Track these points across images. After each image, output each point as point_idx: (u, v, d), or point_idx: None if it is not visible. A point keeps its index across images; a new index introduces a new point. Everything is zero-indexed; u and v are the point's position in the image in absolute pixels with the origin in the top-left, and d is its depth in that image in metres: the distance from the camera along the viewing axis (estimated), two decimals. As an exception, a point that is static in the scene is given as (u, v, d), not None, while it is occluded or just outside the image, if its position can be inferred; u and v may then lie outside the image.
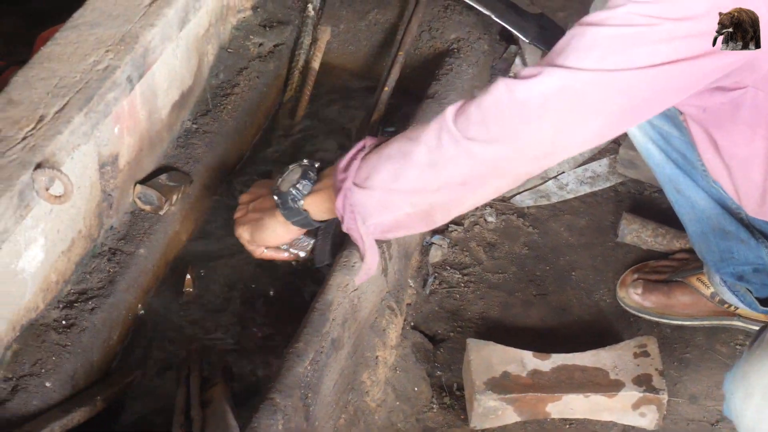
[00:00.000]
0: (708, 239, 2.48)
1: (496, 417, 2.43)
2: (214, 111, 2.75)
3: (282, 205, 2.11)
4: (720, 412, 2.50)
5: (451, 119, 1.85)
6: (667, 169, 2.45)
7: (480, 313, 2.70)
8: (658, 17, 1.74)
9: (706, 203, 2.44)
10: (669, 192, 2.49)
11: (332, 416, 2.27)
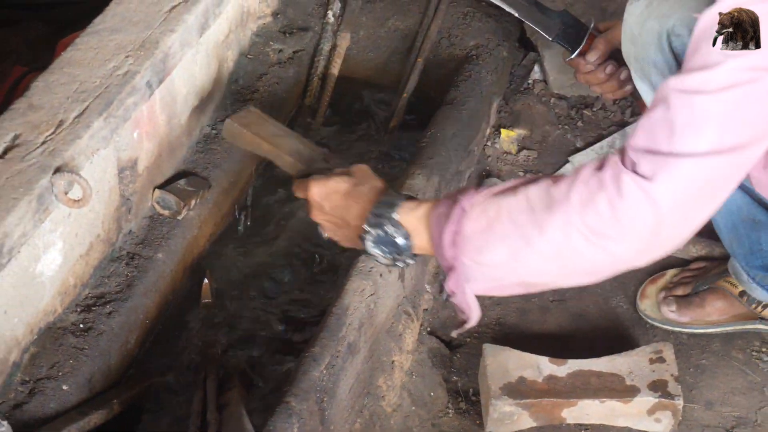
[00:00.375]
0: (738, 231, 2.49)
1: (512, 422, 2.43)
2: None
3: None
4: (736, 418, 2.50)
5: (577, 212, 1.77)
6: None
7: (497, 319, 2.71)
8: (759, 68, 1.70)
9: (736, 194, 2.40)
10: None
11: (348, 420, 2.28)
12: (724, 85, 1.70)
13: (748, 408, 2.53)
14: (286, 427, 2.04)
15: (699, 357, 2.61)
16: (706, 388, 2.56)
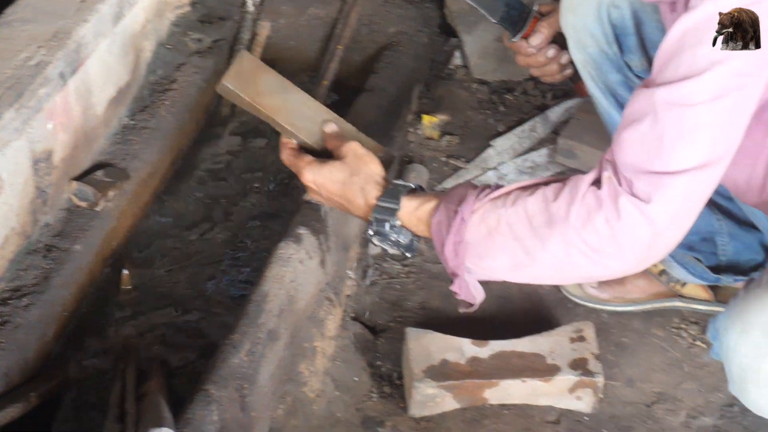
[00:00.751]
0: None
1: (435, 404, 2.44)
2: (152, 107, 2.76)
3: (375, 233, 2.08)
4: (656, 394, 2.52)
5: (576, 231, 1.82)
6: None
7: (420, 303, 2.72)
8: (745, 74, 1.73)
9: None
10: None
11: (270, 407, 2.28)
12: (714, 94, 1.73)
13: (668, 384, 2.55)
14: (205, 414, 2.03)
15: (620, 335, 2.64)
16: (627, 366, 2.58)
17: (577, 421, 2.47)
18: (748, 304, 1.96)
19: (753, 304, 1.95)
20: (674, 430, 2.46)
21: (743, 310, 1.96)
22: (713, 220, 2.50)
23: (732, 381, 2.01)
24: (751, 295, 1.97)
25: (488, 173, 3.02)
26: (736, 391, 2.02)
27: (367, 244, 2.79)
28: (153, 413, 2.03)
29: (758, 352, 1.93)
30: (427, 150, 3.08)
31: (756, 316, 1.94)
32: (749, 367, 1.95)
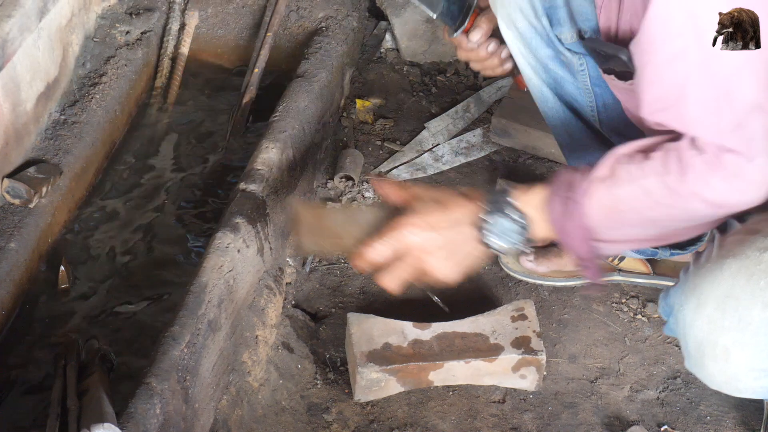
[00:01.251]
0: None
1: (380, 389, 2.44)
2: (82, 101, 2.73)
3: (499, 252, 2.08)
4: (599, 369, 2.54)
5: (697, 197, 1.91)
6: (560, 113, 2.46)
7: (361, 288, 2.71)
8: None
9: (595, 146, 2.47)
10: (561, 136, 2.52)
11: (213, 398, 2.27)
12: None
13: (611, 359, 2.57)
14: (147, 408, 2.02)
15: (561, 312, 2.65)
16: (569, 342, 2.59)
17: (522, 400, 2.48)
18: (701, 278, 1.97)
19: (706, 279, 1.96)
20: (618, 404, 2.48)
21: (697, 285, 1.97)
22: None
23: (688, 356, 2.02)
24: (703, 270, 1.97)
25: (424, 155, 3.01)
26: (692, 367, 2.02)
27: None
28: (95, 409, 2.00)
29: (714, 326, 1.94)
30: (362, 134, 3.07)
31: (710, 290, 1.94)
32: (706, 341, 1.96)
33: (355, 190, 2.92)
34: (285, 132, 2.64)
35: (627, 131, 2.43)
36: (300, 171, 2.70)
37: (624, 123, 2.41)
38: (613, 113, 2.40)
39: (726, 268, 1.93)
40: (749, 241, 1.94)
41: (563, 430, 2.43)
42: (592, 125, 2.46)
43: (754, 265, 1.91)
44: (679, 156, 1.90)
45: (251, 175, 2.52)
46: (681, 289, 2.01)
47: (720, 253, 1.97)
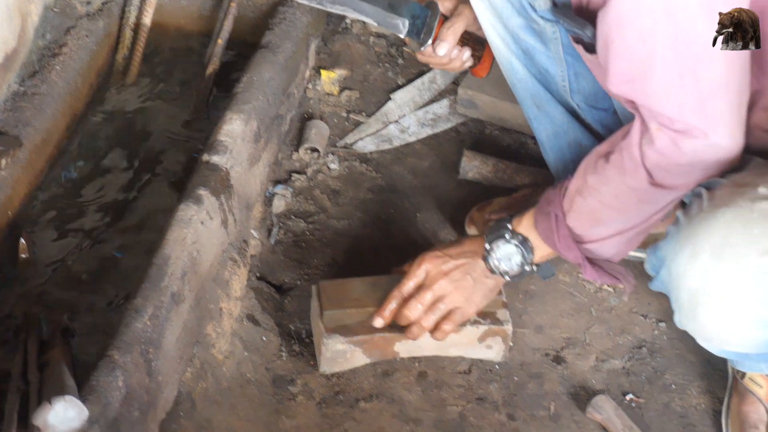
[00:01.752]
0: (564, 154, 2.53)
1: (345, 360, 2.43)
2: (42, 72, 2.69)
3: (513, 278, 2.33)
4: (565, 339, 2.53)
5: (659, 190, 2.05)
6: (529, 84, 2.46)
7: (327, 261, 2.69)
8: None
9: (564, 118, 2.49)
10: (529, 109, 2.52)
11: (177, 370, 2.25)
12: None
13: (577, 329, 2.56)
14: (110, 380, 2.00)
15: (527, 283, 2.64)
16: (536, 313, 2.59)
17: (488, 370, 2.47)
18: (695, 228, 1.97)
19: (700, 228, 1.95)
20: (584, 374, 2.48)
21: (690, 235, 1.97)
22: None
23: (680, 309, 2.02)
24: (696, 219, 1.97)
25: (390, 126, 3.00)
26: (683, 319, 2.03)
27: (270, 202, 2.76)
28: (56, 382, 1.98)
29: (708, 274, 1.94)
30: (327, 106, 3.04)
31: (705, 239, 1.94)
32: (700, 290, 1.96)
33: (320, 161, 2.90)
34: (249, 103, 2.61)
35: (597, 100, 2.43)
36: (264, 143, 2.68)
37: (594, 92, 2.41)
38: (584, 82, 2.40)
39: (720, 216, 1.94)
40: (740, 193, 1.95)
41: (529, 400, 2.43)
42: (561, 97, 2.45)
43: (747, 214, 1.91)
44: (631, 154, 2.01)
45: (214, 146, 2.49)
46: (674, 240, 2.01)
47: (712, 204, 1.97)
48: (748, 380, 2.31)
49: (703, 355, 2.50)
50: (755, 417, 2.29)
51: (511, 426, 2.38)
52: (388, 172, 2.91)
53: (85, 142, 2.77)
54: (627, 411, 2.38)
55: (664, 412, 2.41)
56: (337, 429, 2.35)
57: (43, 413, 1.86)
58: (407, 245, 2.73)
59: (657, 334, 2.55)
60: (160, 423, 2.20)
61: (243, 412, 2.36)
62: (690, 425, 2.39)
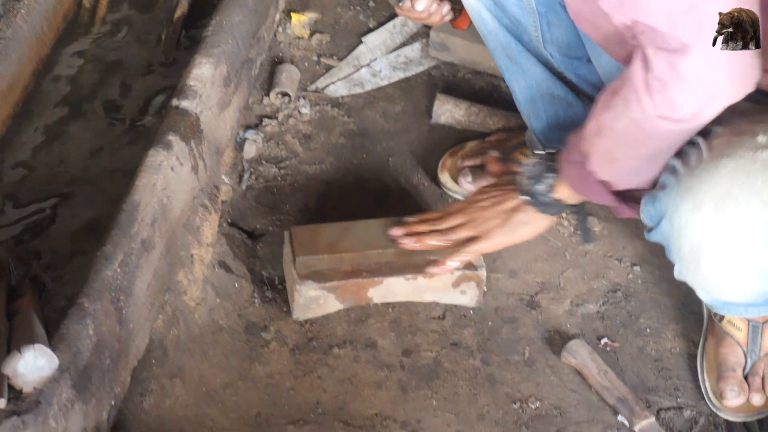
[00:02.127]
0: (537, 105, 2.50)
1: (318, 306, 2.41)
2: (7, 16, 2.64)
3: (535, 203, 2.27)
4: (539, 284, 2.52)
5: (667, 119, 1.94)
6: (500, 36, 2.44)
7: (299, 206, 2.67)
8: None
9: (536, 69, 2.46)
10: (500, 60, 2.49)
11: (149, 318, 2.23)
12: None
13: (551, 273, 2.55)
14: (80, 329, 1.97)
15: (500, 227, 2.62)
16: (510, 258, 2.57)
17: (462, 316, 2.46)
18: (696, 179, 1.95)
19: (702, 180, 1.94)
20: (558, 318, 2.47)
21: (692, 187, 1.95)
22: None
23: (681, 260, 2.01)
24: (697, 171, 1.95)
25: (361, 70, 2.96)
26: (684, 271, 2.02)
27: (241, 148, 2.73)
28: (25, 330, 1.95)
29: (711, 227, 1.93)
30: (297, 50, 3.01)
31: (707, 191, 1.92)
32: (702, 243, 1.95)
33: (291, 106, 2.86)
34: (218, 47, 2.57)
35: (571, 49, 2.41)
36: (234, 87, 2.64)
37: (568, 42, 2.39)
38: (557, 32, 2.38)
39: (722, 167, 1.91)
40: (739, 142, 1.93)
41: (503, 345, 2.42)
42: (534, 47, 2.43)
43: (749, 165, 1.89)
44: (633, 85, 1.92)
45: (184, 91, 2.45)
46: (674, 191, 1.99)
47: (712, 154, 1.94)
48: (726, 323, 2.30)
49: (677, 298, 2.49)
50: (733, 360, 2.29)
51: (486, 371, 2.37)
52: (360, 117, 2.88)
53: (52, 88, 2.73)
54: (602, 355, 2.38)
55: (639, 356, 2.41)
56: (310, 376, 2.34)
57: (12, 362, 1.83)
58: (380, 190, 2.71)
59: (631, 278, 2.54)
60: (132, 371, 2.18)
61: (215, 359, 2.34)
62: (665, 369, 2.38)
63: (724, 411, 2.29)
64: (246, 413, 2.27)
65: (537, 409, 2.31)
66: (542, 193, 2.24)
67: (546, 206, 2.26)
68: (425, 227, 2.37)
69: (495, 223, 2.31)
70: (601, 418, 2.30)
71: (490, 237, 2.32)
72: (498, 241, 2.33)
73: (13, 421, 1.80)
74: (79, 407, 1.95)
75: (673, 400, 2.33)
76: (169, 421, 2.21)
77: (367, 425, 2.27)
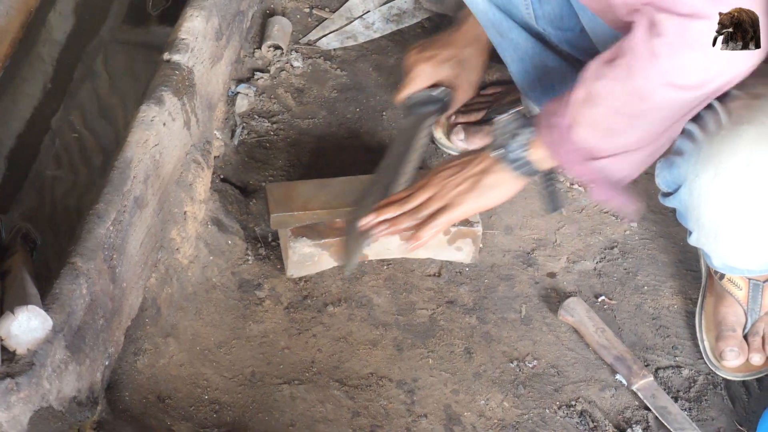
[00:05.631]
0: (530, 77, 2.47)
1: (313, 263, 2.38)
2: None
3: (508, 157, 2.11)
4: (535, 240, 2.50)
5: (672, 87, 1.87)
6: (489, 14, 2.41)
7: (291, 161, 2.64)
8: None
9: (528, 42, 2.43)
10: (493, 37, 2.47)
11: (142, 276, 2.20)
12: None
13: (547, 230, 2.53)
14: (73, 288, 1.94)
15: (496, 183, 2.59)
16: (505, 214, 2.55)
17: (457, 272, 2.44)
18: (717, 147, 1.92)
19: (723, 147, 1.91)
20: (555, 275, 2.45)
21: (713, 154, 1.92)
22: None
23: (700, 228, 1.98)
24: (717, 138, 1.93)
25: (354, 23, 2.92)
26: (703, 239, 2.00)
27: (233, 102, 2.69)
28: (18, 290, 1.93)
29: (733, 196, 1.91)
30: (289, 1, 2.97)
31: (728, 158, 1.90)
32: (724, 212, 1.93)
33: (284, 59, 2.83)
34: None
35: (563, 22, 2.38)
36: (226, 40, 2.60)
37: (560, 14, 2.37)
38: (547, 6, 2.36)
39: (744, 134, 1.89)
40: (759, 107, 1.90)
41: (500, 302, 2.40)
42: (526, 23, 2.40)
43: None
44: (637, 53, 1.87)
45: (175, 44, 2.41)
46: (694, 158, 1.95)
47: (732, 119, 1.91)
48: (726, 281, 2.28)
49: (675, 255, 2.48)
50: (733, 319, 2.28)
51: (482, 329, 2.35)
52: (353, 70, 2.84)
53: (42, 40, 2.69)
54: (599, 313, 2.36)
55: (637, 313, 2.39)
56: (305, 334, 2.32)
57: (6, 323, 1.81)
58: (373, 144, 2.67)
59: (628, 234, 2.52)
60: (126, 330, 2.16)
61: (209, 317, 2.32)
62: (662, 327, 2.37)
63: (723, 370, 2.28)
64: (240, 372, 2.25)
65: (534, 367, 2.30)
66: (517, 148, 2.11)
67: (518, 164, 2.12)
68: (394, 210, 2.24)
69: (463, 189, 2.18)
70: (598, 377, 2.29)
71: (459, 204, 2.19)
72: (468, 206, 2.19)
73: (6, 383, 1.78)
74: (72, 368, 1.93)
75: (671, 358, 2.32)
76: (163, 380, 2.19)
77: (363, 384, 2.25)
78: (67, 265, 1.97)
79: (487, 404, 2.24)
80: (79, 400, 1.96)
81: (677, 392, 2.27)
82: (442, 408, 2.23)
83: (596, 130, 1.99)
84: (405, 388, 2.25)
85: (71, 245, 2.01)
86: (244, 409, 2.19)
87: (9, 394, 1.79)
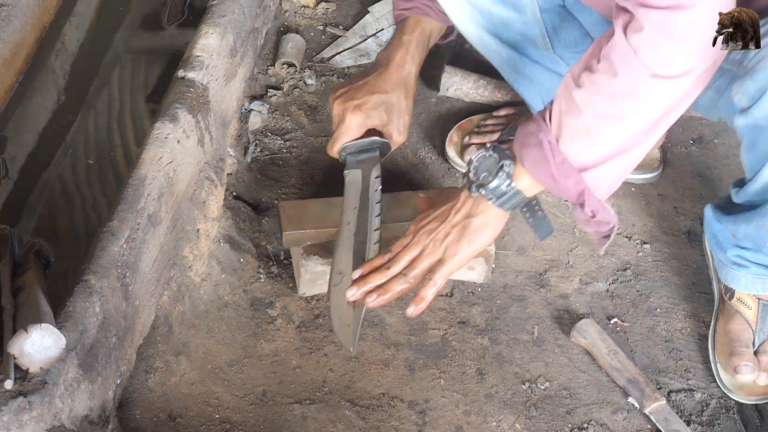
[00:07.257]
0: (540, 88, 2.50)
1: (325, 282, 2.37)
2: (10, -17, 2.60)
3: (495, 194, 2.05)
4: (548, 261, 2.49)
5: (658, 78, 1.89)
6: (503, 54, 2.43)
7: (304, 179, 2.63)
8: None
9: (543, 76, 2.46)
10: (508, 74, 2.50)
11: (154, 294, 2.19)
12: None
13: (560, 251, 2.52)
14: (86, 306, 1.94)
15: (509, 203, 2.58)
16: (518, 234, 2.55)
17: (470, 293, 2.43)
18: None
19: None
20: (568, 296, 2.44)
21: None
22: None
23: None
24: None
25: (368, 40, 2.92)
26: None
27: (246, 119, 2.69)
28: (31, 308, 1.92)
29: None
30: (303, 18, 2.97)
31: None
32: None
33: (297, 76, 2.83)
34: (225, 16, 2.53)
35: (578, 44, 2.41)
36: (241, 57, 2.60)
37: (575, 39, 2.39)
38: (562, 33, 2.38)
39: None
40: None
41: (512, 323, 2.39)
42: (540, 55, 2.41)
43: None
44: (620, 51, 1.88)
45: (190, 61, 2.41)
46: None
47: None
48: (736, 301, 2.28)
49: (688, 277, 2.47)
50: (745, 336, 2.27)
51: (494, 350, 2.34)
52: (366, 88, 2.83)
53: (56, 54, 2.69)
54: (611, 335, 2.36)
55: (649, 336, 2.38)
56: (317, 353, 2.31)
57: (19, 341, 1.80)
58: (387, 163, 2.67)
59: (641, 256, 2.51)
60: (138, 348, 2.15)
61: (221, 335, 2.31)
62: (675, 350, 2.36)
63: (736, 393, 2.27)
64: (251, 391, 2.24)
65: (546, 389, 2.29)
66: (500, 183, 2.04)
67: (505, 198, 2.06)
68: (380, 276, 2.14)
69: (453, 238, 2.10)
70: (611, 399, 2.28)
71: (453, 255, 2.10)
72: (462, 255, 2.10)
73: (19, 401, 1.78)
74: (85, 386, 1.93)
75: (683, 381, 2.31)
76: (174, 398, 2.19)
77: (374, 405, 2.24)
78: (81, 283, 1.97)
79: (498, 426, 2.23)
80: (90, 418, 1.96)
81: (690, 416, 2.27)
82: (453, 429, 2.22)
83: (582, 139, 1.96)
84: (416, 408, 2.24)
85: (84, 263, 2.01)
86: (255, 429, 2.18)
87: (21, 413, 1.78)
